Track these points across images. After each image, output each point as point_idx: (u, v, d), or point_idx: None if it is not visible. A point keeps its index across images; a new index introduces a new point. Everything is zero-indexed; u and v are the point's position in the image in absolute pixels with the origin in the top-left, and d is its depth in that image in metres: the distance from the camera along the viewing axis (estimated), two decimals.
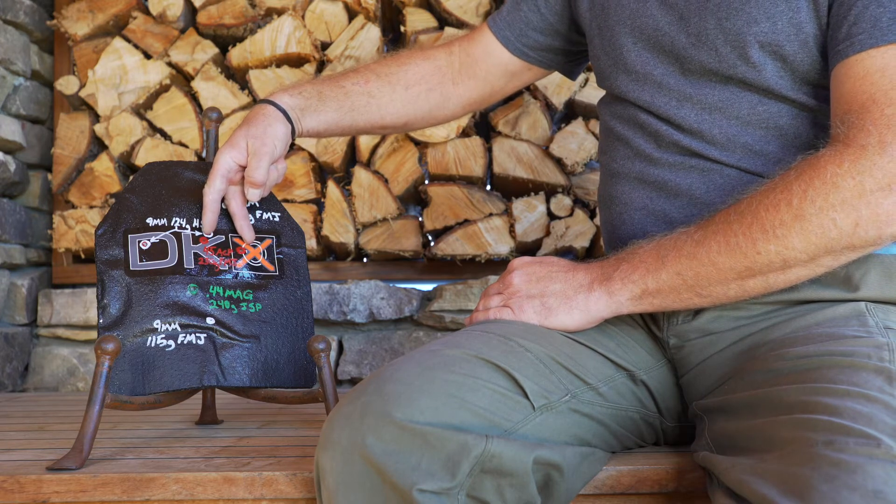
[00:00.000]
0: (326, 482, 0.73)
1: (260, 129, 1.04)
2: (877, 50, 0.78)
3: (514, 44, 1.16)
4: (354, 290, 1.90)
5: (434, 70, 1.19)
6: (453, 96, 1.20)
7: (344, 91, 1.13)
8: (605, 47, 1.02)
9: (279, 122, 1.06)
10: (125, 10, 1.99)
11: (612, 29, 1.00)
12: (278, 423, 1.25)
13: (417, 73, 1.18)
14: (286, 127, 1.07)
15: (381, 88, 1.16)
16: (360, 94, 1.14)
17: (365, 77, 1.16)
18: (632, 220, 0.97)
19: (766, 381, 0.77)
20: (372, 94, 1.15)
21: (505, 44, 1.16)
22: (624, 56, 0.98)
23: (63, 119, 2.01)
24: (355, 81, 1.15)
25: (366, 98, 1.15)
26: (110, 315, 1.02)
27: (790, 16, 0.84)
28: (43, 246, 2.06)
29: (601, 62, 1.04)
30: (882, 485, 0.58)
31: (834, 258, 0.77)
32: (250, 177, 1.03)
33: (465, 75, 1.19)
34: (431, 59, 1.19)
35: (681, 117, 0.92)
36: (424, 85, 1.18)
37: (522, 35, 1.15)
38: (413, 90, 1.18)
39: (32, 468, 0.91)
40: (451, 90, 1.20)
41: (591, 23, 1.05)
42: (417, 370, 0.76)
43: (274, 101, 1.08)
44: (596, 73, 1.08)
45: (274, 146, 1.04)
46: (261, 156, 1.03)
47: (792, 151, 0.87)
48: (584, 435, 0.84)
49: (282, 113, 1.07)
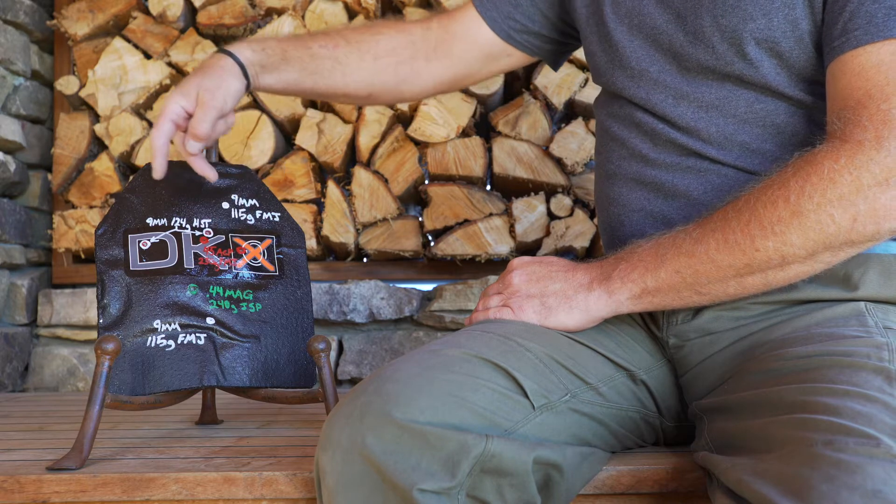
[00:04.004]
0: (326, 482, 0.73)
1: (214, 81, 1.02)
2: (872, 46, 0.78)
3: (500, 25, 1.12)
4: (354, 290, 1.90)
5: (407, 44, 1.15)
6: (424, 73, 1.16)
7: (310, 53, 1.11)
8: (602, 44, 1.01)
9: (234, 77, 1.04)
10: (125, 10, 1.99)
11: (609, 26, 0.99)
12: (278, 423, 1.25)
13: (389, 45, 1.14)
14: (241, 83, 1.05)
15: (349, 55, 1.13)
16: (326, 58, 1.11)
17: (334, 41, 1.13)
18: (630, 221, 0.96)
19: (766, 381, 0.77)
20: (338, 60, 1.12)
21: (491, 24, 1.13)
22: (620, 53, 0.98)
23: (63, 119, 2.01)
24: (323, 44, 1.12)
25: (331, 62, 1.12)
26: (110, 315, 1.03)
27: (786, 12, 0.84)
28: (43, 246, 2.06)
29: (597, 58, 1.03)
30: (882, 484, 0.58)
31: (833, 254, 0.77)
32: (194, 129, 1.01)
33: (440, 53, 1.15)
34: (406, 32, 1.16)
35: (677, 115, 0.92)
36: (395, 57, 1.14)
37: (509, 17, 1.12)
38: (382, 61, 1.14)
39: (32, 468, 0.91)
40: (423, 66, 1.16)
41: (587, 19, 1.04)
42: (417, 370, 0.76)
43: (234, 53, 1.06)
44: (591, 70, 1.07)
45: (224, 101, 1.02)
46: (208, 109, 1.01)
47: (789, 149, 0.87)
48: (584, 435, 0.84)
49: (239, 67, 1.05)
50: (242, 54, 1.06)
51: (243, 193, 1.15)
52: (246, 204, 1.15)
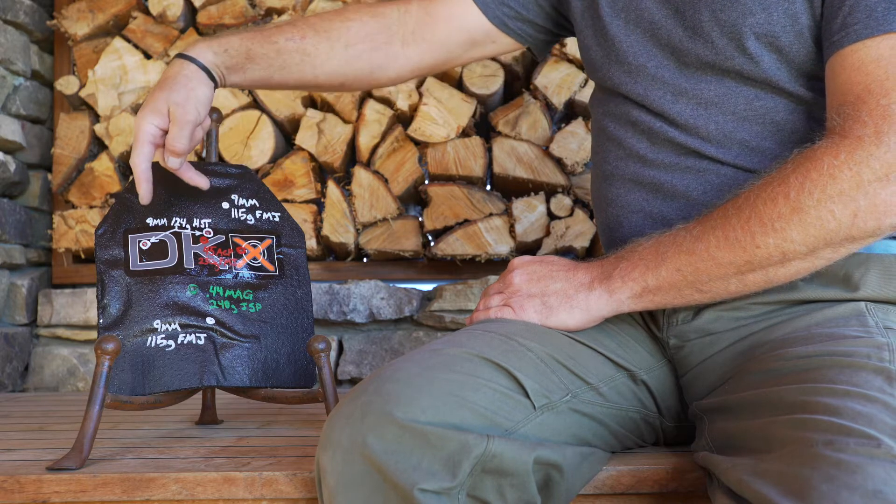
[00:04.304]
0: (327, 482, 0.73)
1: (182, 94, 1.00)
2: (872, 40, 0.78)
3: (493, 11, 1.09)
4: (354, 290, 1.90)
5: (381, 28, 1.11)
6: (401, 58, 1.12)
7: (276, 48, 1.08)
8: (597, 38, 1.00)
9: (202, 84, 1.02)
10: (125, 10, 1.99)
11: (605, 20, 0.98)
12: (278, 423, 1.25)
13: (361, 31, 1.10)
14: (209, 87, 1.03)
15: (318, 45, 1.09)
16: (294, 52, 1.08)
17: (301, 32, 1.09)
18: (629, 222, 0.96)
19: (766, 381, 0.77)
20: (306, 52, 1.08)
21: (483, 9, 1.09)
22: (617, 48, 0.97)
23: (63, 119, 2.01)
24: (290, 37, 1.08)
25: (299, 56, 1.08)
26: (110, 315, 1.03)
27: (785, 6, 0.84)
28: (43, 246, 2.06)
29: (592, 53, 1.02)
30: (882, 485, 0.58)
31: (833, 250, 0.77)
32: (172, 146, 0.99)
33: (418, 37, 1.11)
34: (380, 16, 1.12)
35: (675, 112, 0.92)
36: (368, 43, 1.10)
37: (503, 3, 1.09)
38: (354, 49, 1.10)
39: (32, 468, 0.91)
40: (399, 51, 1.12)
41: (581, 13, 1.03)
42: (418, 369, 0.76)
43: (195, 58, 1.03)
44: (586, 65, 1.05)
45: (197, 111, 1.01)
46: (183, 124, 0.99)
47: (788, 147, 0.86)
48: (585, 435, 0.84)
49: (204, 72, 1.03)
50: (205, 57, 1.04)
51: (243, 193, 1.15)
52: (246, 204, 1.15)
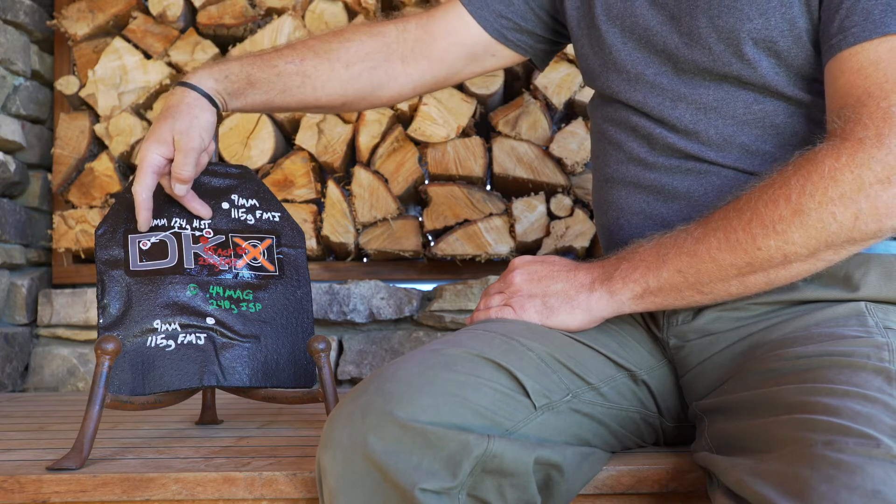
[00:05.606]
0: (328, 482, 0.73)
1: (185, 122, 1.01)
2: (870, 43, 0.78)
3: (491, 24, 1.09)
4: (354, 290, 1.90)
5: (381, 47, 1.11)
6: (401, 76, 1.13)
7: (276, 71, 1.09)
8: (594, 47, 1.00)
9: (204, 111, 1.03)
10: (125, 10, 1.99)
11: (601, 28, 0.98)
12: (278, 423, 1.25)
13: (361, 51, 1.11)
14: (212, 114, 1.04)
15: (318, 67, 1.09)
16: (294, 75, 1.09)
17: (301, 54, 1.09)
18: (629, 224, 0.96)
19: (766, 382, 0.77)
20: (307, 74, 1.09)
21: (482, 23, 1.09)
22: (614, 56, 0.97)
23: (63, 119, 2.01)
24: (289, 60, 1.09)
25: (300, 78, 1.09)
26: (110, 315, 1.03)
27: (783, 11, 0.84)
28: (43, 246, 2.06)
29: (590, 62, 1.02)
30: (881, 485, 0.58)
31: (835, 252, 0.77)
32: (178, 173, 1.01)
33: (417, 54, 1.12)
34: (378, 35, 1.12)
35: (675, 118, 0.92)
36: (368, 63, 1.11)
37: (501, 16, 1.09)
38: (354, 68, 1.11)
39: (32, 468, 0.91)
40: (399, 69, 1.12)
41: (577, 22, 1.03)
42: (419, 369, 0.76)
43: (197, 85, 1.04)
44: (583, 73, 1.05)
45: (202, 139, 1.02)
46: (187, 152, 1.00)
47: (788, 150, 0.86)
48: (585, 435, 0.84)
49: (206, 98, 1.04)
50: (206, 84, 1.05)
51: (243, 193, 1.15)
52: (246, 204, 1.15)
